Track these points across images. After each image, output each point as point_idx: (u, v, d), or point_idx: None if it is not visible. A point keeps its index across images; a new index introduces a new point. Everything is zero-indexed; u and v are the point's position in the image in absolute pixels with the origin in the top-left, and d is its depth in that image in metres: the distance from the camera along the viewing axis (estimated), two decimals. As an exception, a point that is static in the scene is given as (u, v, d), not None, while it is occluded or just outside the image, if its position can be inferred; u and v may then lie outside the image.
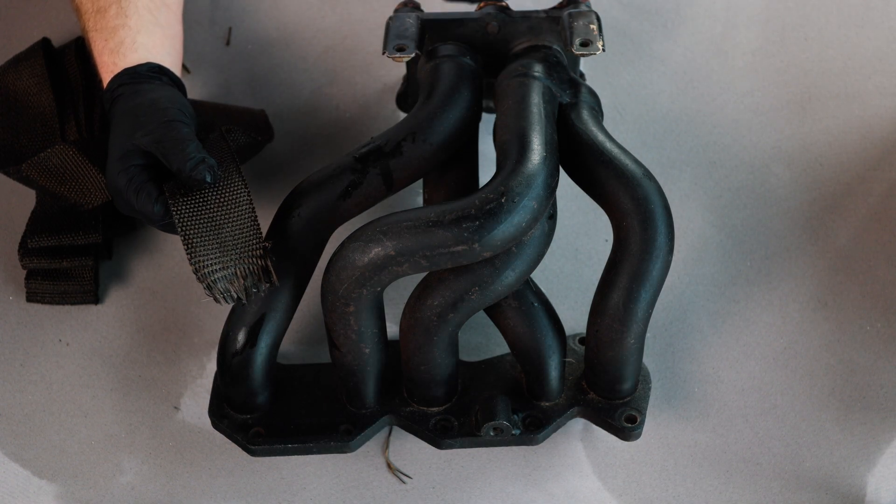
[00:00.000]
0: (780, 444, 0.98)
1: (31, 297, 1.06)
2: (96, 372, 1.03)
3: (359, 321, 0.88)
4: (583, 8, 1.01)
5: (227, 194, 0.93)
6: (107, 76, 1.00)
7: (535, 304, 0.93)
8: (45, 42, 1.17)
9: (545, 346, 0.93)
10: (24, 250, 1.05)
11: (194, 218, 0.90)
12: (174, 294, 1.07)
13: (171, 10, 1.06)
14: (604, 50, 0.97)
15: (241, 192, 0.93)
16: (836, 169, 1.15)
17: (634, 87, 1.21)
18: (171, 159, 0.91)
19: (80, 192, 1.05)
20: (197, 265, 0.87)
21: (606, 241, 1.09)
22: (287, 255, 0.91)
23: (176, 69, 1.03)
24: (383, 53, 1.00)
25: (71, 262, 1.05)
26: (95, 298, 1.06)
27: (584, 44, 0.97)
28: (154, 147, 0.92)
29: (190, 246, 0.88)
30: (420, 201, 1.07)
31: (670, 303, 1.06)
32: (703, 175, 1.14)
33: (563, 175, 0.91)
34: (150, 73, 0.99)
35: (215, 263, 0.87)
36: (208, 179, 0.91)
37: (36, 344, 1.04)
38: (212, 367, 1.02)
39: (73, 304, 1.06)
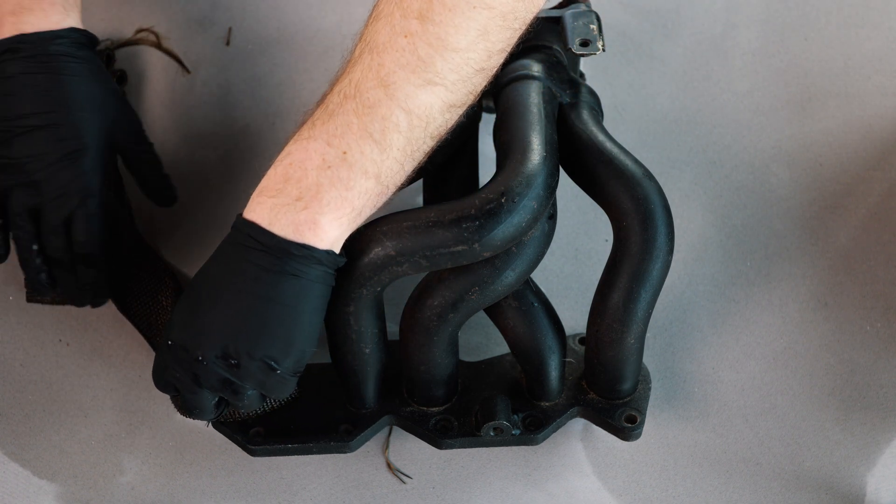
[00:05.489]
0: (780, 444, 0.98)
1: (32, 298, 1.06)
2: (96, 372, 1.03)
3: (359, 321, 0.88)
4: (583, 8, 1.01)
5: None
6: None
7: (535, 304, 0.93)
8: None
9: (545, 346, 0.93)
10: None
11: None
12: (174, 294, 1.07)
13: None
14: (604, 50, 0.97)
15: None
16: (836, 169, 1.15)
17: (634, 87, 1.21)
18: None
19: None
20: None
21: (606, 241, 1.09)
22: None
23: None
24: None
25: None
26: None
27: (584, 44, 0.97)
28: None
29: None
30: (420, 201, 1.07)
31: (670, 303, 1.06)
32: (703, 175, 1.14)
33: (563, 175, 0.91)
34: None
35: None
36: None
37: (36, 344, 1.04)
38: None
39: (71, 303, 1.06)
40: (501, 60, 0.85)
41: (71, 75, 0.96)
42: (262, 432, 0.94)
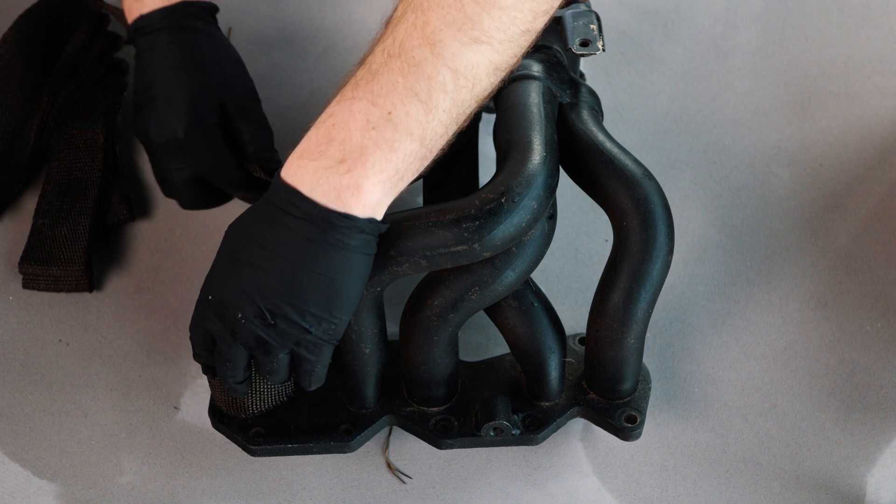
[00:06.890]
0: (780, 444, 0.98)
1: (27, 284, 1.06)
2: (96, 372, 1.03)
3: (358, 321, 0.88)
4: (583, 8, 1.01)
5: None
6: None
7: (535, 304, 0.93)
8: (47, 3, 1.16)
9: (545, 346, 0.93)
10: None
11: None
12: (175, 294, 1.07)
13: None
14: (604, 50, 0.97)
15: None
16: (836, 169, 1.15)
17: (634, 87, 1.21)
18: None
19: None
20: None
21: (606, 241, 1.09)
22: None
23: None
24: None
25: (62, 247, 1.05)
26: (90, 286, 1.06)
27: (584, 44, 0.97)
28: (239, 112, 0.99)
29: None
30: (420, 201, 1.07)
31: (670, 303, 1.06)
32: (703, 175, 1.14)
33: (563, 175, 0.91)
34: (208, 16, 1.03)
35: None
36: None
37: (36, 344, 1.04)
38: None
39: (67, 291, 1.06)
40: (544, 23, 0.83)
41: (201, 45, 1.04)
42: (262, 432, 0.94)
